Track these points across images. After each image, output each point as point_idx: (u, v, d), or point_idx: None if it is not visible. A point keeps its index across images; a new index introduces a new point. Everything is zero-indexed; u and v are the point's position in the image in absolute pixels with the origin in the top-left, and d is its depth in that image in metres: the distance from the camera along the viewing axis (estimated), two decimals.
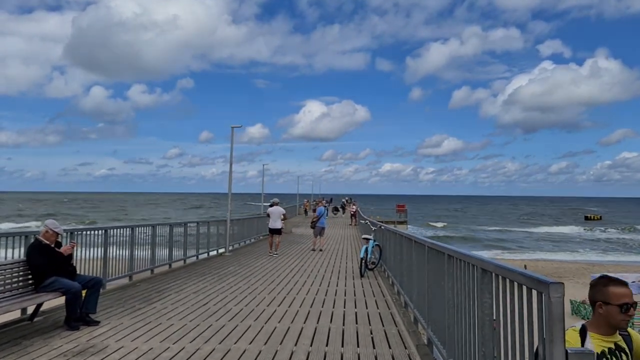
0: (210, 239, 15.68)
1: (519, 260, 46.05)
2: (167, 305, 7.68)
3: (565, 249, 53.48)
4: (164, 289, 9.16)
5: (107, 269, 8.95)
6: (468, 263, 3.87)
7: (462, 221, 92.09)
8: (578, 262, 46.03)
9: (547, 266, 43.06)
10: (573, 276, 38.23)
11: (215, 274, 11.37)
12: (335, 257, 15.63)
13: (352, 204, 39.43)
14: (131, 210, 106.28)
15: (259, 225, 23.05)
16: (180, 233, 13.15)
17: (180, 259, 13.06)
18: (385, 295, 8.80)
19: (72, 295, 6.00)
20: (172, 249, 12.19)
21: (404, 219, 43.78)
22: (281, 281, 10.41)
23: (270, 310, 7.42)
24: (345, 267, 12.99)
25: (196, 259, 14.21)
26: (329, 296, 8.65)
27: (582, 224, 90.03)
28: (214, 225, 16.13)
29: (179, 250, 13.14)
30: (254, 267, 12.75)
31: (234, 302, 7.98)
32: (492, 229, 74.47)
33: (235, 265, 13.21)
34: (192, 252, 14.16)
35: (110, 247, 9.26)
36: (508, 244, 57.23)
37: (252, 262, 14.00)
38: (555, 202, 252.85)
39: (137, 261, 10.38)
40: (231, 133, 16.60)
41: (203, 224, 15.15)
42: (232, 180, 16.85)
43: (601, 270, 40.35)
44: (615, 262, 46.47)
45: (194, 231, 14.41)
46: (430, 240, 5.48)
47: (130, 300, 8.05)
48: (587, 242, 61.59)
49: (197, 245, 14.25)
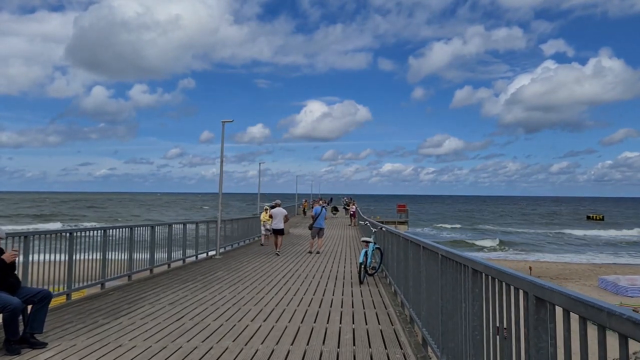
0: (198, 241, 14.66)
1: (523, 262, 45.09)
2: (136, 320, 6.64)
3: (568, 250, 52.47)
4: (138, 299, 8.13)
5: (72, 277, 7.92)
6: (498, 280, 2.85)
7: (476, 221, 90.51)
8: (584, 263, 45.04)
9: (551, 267, 42.04)
10: (579, 278, 37.18)
11: (200, 280, 10.34)
12: (332, 260, 14.60)
13: (352, 204, 38.42)
14: (123, 211, 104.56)
15: (255, 226, 22.05)
16: (165, 235, 12.12)
17: (163, 263, 12.03)
18: (387, 307, 7.76)
19: (9, 312, 4.96)
20: (154, 252, 11.14)
21: (404, 219, 42.75)
22: (271, 289, 9.37)
23: (254, 326, 6.38)
24: (343, 272, 11.96)
25: (182, 263, 13.18)
26: (323, 308, 7.62)
27: (583, 224, 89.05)
28: (203, 226, 15.09)
29: (164, 253, 12.11)
30: (244, 272, 11.72)
31: (214, 316, 6.94)
32: (504, 230, 73.48)
33: (224, 270, 12.18)
34: (179, 255, 13.14)
35: (80, 252, 8.24)
36: (525, 246, 56.23)
37: (243, 266, 12.97)
38: (556, 201, 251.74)
39: (111, 267, 9.35)
40: (222, 128, 15.59)
41: (190, 225, 14.10)
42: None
43: (608, 272, 39.36)
44: (621, 263, 45.46)
45: (187, 232, 13.42)
46: (444, 247, 4.46)
47: (94, 313, 7.01)
48: (592, 242, 60.58)
49: (183, 247, 13.22)
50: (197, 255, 14.34)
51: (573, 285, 33.85)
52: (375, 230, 11.95)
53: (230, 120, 15.67)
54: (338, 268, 12.80)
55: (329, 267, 12.93)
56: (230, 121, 15.66)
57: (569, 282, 34.72)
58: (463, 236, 63.88)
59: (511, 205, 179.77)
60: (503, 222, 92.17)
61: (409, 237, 6.79)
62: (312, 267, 12.85)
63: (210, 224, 15.93)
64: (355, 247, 18.83)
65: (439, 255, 4.54)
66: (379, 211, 53.96)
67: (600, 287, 32.19)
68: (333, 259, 14.99)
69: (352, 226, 32.70)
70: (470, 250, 49.13)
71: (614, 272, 39.67)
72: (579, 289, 33.10)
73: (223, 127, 15.54)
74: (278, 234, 15.99)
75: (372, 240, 11.09)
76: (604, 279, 32.84)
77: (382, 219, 41.90)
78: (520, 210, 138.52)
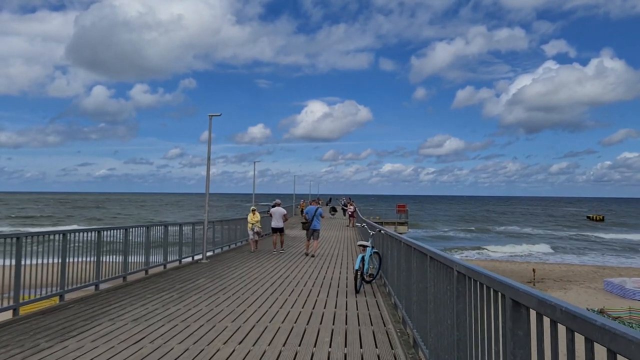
0: (186, 245, 13.58)
1: (525, 263, 44.03)
2: (86, 343, 5.56)
3: (570, 251, 51.39)
4: (99, 314, 7.05)
5: (19, 287, 6.84)
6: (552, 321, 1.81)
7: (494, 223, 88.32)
8: (587, 264, 43.97)
9: (554, 269, 40.95)
10: (583, 280, 36.09)
11: (178, 290, 9.26)
12: (327, 264, 13.52)
13: (350, 204, 37.36)
14: (107, 212, 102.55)
15: (246, 227, 21.01)
16: (142, 238, 11.03)
17: (140, 269, 10.93)
18: (386, 324, 6.68)
19: None
20: (127, 257, 10.04)
21: (405, 220, 41.69)
22: (256, 300, 8.30)
23: (227, 351, 5.31)
24: (338, 279, 10.88)
25: (163, 269, 12.10)
26: (312, 325, 6.54)
27: (584, 225, 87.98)
28: (188, 227, 14.00)
29: (141, 258, 11.01)
30: (229, 279, 10.64)
31: (181, 337, 5.86)
32: (534, 233, 72.33)
33: (208, 276, 11.10)
34: (160, 260, 12.05)
35: (33, 257, 7.16)
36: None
37: (230, 272, 11.90)
38: (555, 202, 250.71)
39: (74, 274, 8.28)
40: (209, 123, 14.50)
41: (173, 226, 13.01)
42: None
43: (612, 274, 38.33)
44: (624, 265, 44.39)
45: (170, 234, 12.33)
46: (461, 262, 3.38)
47: (40, 334, 5.93)
48: (594, 243, 59.50)
49: (164, 252, 12.13)
50: (181, 260, 13.25)
51: (578, 288, 32.80)
52: (373, 233, 10.88)
53: (218, 114, 14.59)
54: (333, 274, 11.73)
55: (323, 273, 11.86)
56: (218, 115, 14.58)
57: (574, 285, 33.69)
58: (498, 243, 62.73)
59: (520, 206, 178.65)
60: (528, 223, 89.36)
61: (413, 244, 5.71)
62: (305, 273, 11.78)
63: (196, 225, 14.85)
64: (352, 250, 17.75)
65: (453, 270, 3.46)
66: (378, 211, 52.91)
67: (606, 290, 31.13)
68: (328, 263, 13.93)
69: (351, 227, 31.66)
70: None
71: (619, 274, 38.62)
72: (584, 292, 32.02)
73: (210, 121, 14.47)
74: (278, 232, 16.53)
75: (369, 244, 10.01)
76: (609, 281, 31.78)
77: (382, 219, 40.82)
78: (544, 211, 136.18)
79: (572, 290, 31.39)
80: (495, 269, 39.07)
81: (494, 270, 36.96)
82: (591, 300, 28.17)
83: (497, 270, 41.69)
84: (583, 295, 30.07)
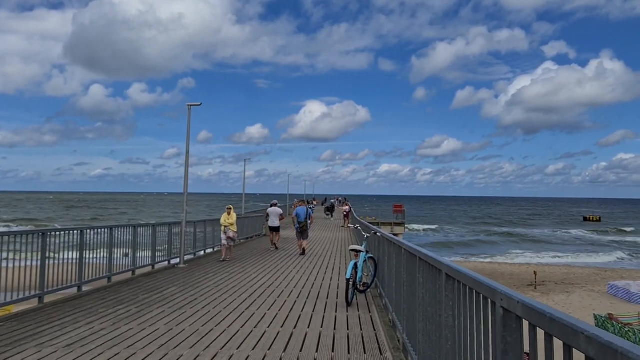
0: (157, 247, 12.23)
1: (525, 265, 42.83)
2: None
3: (571, 252, 50.28)
4: (28, 337, 5.70)
5: None
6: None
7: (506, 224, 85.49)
8: (589, 266, 42.81)
9: (555, 272, 39.74)
10: (586, 283, 34.86)
11: (139, 302, 7.91)
12: (317, 269, 12.20)
13: (345, 204, 36.05)
14: (80, 212, 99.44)
15: (240, 227, 19.73)
16: (105, 240, 9.66)
17: (102, 276, 9.55)
18: (383, 351, 5.36)
19: None
20: (82, 264, 8.64)
21: (401, 220, 40.41)
22: (227, 316, 6.97)
23: None
24: (328, 287, 9.56)
25: (132, 275, 10.73)
26: (289, 353, 5.21)
27: (583, 225, 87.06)
28: (162, 229, 12.63)
29: (102, 263, 9.65)
30: (204, 288, 9.30)
31: None
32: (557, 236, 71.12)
33: (180, 284, 9.76)
34: (127, 265, 10.69)
35: None
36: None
37: (207, 278, 10.56)
38: (551, 203, 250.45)
39: (10, 283, 6.92)
40: (188, 113, 13.14)
41: (145, 228, 11.63)
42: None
43: (614, 277, 37.17)
44: (626, 267, 43.27)
45: (140, 236, 10.99)
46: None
47: None
48: (594, 244, 58.43)
49: (133, 256, 10.76)
50: (154, 264, 11.89)
51: (581, 291, 31.57)
52: (367, 236, 9.56)
53: (198, 103, 13.25)
54: (322, 281, 10.41)
55: (312, 279, 10.54)
56: (198, 104, 13.25)
57: (576, 288, 32.47)
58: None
59: (515, 207, 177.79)
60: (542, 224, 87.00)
61: (419, 253, 4.38)
62: (291, 280, 10.46)
63: (175, 226, 13.49)
64: (345, 252, 16.44)
65: (496, 305, 2.14)
66: (374, 212, 51.59)
67: (611, 294, 29.94)
68: (318, 268, 12.61)
69: (345, 228, 30.40)
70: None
71: (621, 276, 37.47)
72: (587, 295, 30.80)
73: (189, 112, 13.10)
74: (274, 231, 17.51)
75: (363, 249, 8.69)
76: (614, 284, 30.58)
77: (378, 220, 39.49)
78: (551, 212, 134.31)
79: (575, 294, 30.18)
80: (495, 272, 37.86)
81: (493, 273, 35.85)
82: (596, 304, 26.95)
83: (496, 273, 40.45)
84: (587, 299, 28.86)
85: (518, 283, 32.79)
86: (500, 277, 34.90)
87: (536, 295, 28.26)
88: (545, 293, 29.95)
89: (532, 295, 27.81)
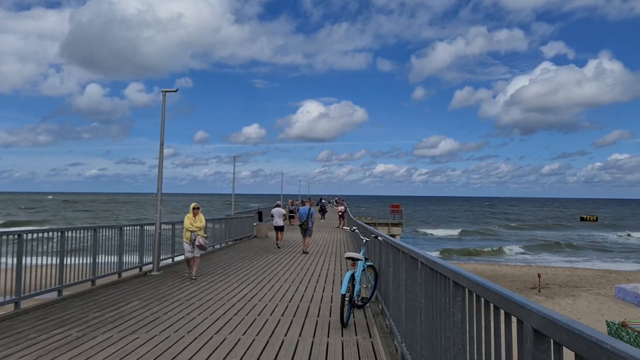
0: (127, 252, 10.70)
1: (527, 267, 41.53)
2: None
3: (571, 254, 49.06)
4: None
5: None
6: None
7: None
8: (593, 269, 41.53)
9: (559, 274, 38.42)
10: (591, 286, 33.52)
11: (86, 324, 6.39)
12: (308, 277, 10.71)
13: (340, 204, 34.64)
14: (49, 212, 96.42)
15: (225, 228, 18.38)
16: (56, 245, 8.12)
17: (51, 289, 7.99)
18: None
19: None
20: (21, 275, 7.08)
21: (399, 221, 39.01)
22: (190, 344, 5.47)
23: None
24: (319, 301, 8.08)
25: (91, 286, 9.19)
26: None
27: (582, 225, 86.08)
28: (132, 231, 11.09)
29: (52, 272, 8.10)
30: (172, 303, 7.80)
31: None
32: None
33: (145, 297, 8.24)
34: (85, 274, 9.15)
35: None
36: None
37: (180, 289, 9.06)
38: (547, 203, 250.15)
39: None
40: (162, 99, 11.63)
41: (109, 229, 10.07)
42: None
43: (619, 279, 35.87)
44: (632, 270, 42.05)
45: (103, 239, 9.47)
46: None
47: None
48: (594, 245, 57.25)
49: (93, 264, 9.22)
50: (121, 272, 10.35)
51: (587, 295, 30.21)
52: (366, 240, 8.08)
53: (174, 89, 11.75)
54: (313, 292, 8.94)
55: (301, 290, 9.07)
56: (175, 90, 11.75)
57: (582, 292, 31.14)
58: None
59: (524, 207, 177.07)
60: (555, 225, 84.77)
61: (432, 263, 2.90)
62: (278, 290, 8.97)
63: (149, 227, 11.96)
64: (340, 256, 14.97)
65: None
66: (370, 212, 50.18)
67: (618, 297, 28.61)
68: (310, 274, 11.14)
69: (340, 228, 29.00)
70: None
71: (626, 278, 36.22)
72: (594, 299, 29.45)
73: (164, 98, 11.59)
74: (278, 230, 18.31)
75: (361, 256, 7.20)
76: (621, 287, 29.23)
77: (375, 220, 38.06)
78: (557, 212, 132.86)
79: (581, 298, 28.84)
80: (495, 274, 36.49)
81: (494, 275, 34.29)
82: (604, 309, 25.61)
83: (497, 275, 38.99)
84: (594, 303, 27.51)
85: (520, 286, 31.45)
86: (501, 279, 33.56)
87: (541, 300, 26.90)
88: (550, 297, 28.57)
89: (536, 299, 26.43)
